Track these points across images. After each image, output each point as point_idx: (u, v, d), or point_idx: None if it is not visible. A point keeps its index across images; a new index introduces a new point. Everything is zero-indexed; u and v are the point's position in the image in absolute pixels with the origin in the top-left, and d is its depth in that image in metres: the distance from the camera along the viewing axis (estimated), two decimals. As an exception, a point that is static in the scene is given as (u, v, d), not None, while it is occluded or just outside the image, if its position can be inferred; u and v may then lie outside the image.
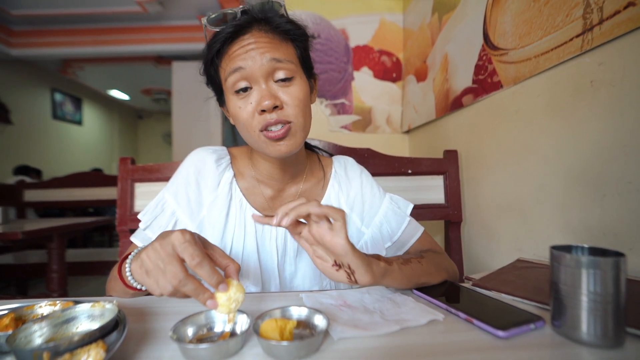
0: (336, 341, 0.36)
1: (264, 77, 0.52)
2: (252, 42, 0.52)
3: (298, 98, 0.54)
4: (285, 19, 0.56)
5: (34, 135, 4.50)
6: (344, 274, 0.44)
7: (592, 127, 0.60)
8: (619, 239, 0.55)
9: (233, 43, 0.53)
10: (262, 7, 0.55)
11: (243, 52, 0.52)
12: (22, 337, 0.33)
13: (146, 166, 0.94)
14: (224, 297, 0.38)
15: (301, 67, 0.57)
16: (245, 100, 0.53)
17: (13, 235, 1.31)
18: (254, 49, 0.52)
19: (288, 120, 0.53)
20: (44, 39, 3.63)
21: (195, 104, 3.81)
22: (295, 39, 0.56)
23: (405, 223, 0.66)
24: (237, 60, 0.52)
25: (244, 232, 0.62)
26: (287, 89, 0.54)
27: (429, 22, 1.26)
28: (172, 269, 0.38)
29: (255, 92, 0.53)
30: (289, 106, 0.53)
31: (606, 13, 0.55)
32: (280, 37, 0.54)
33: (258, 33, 0.53)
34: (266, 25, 0.54)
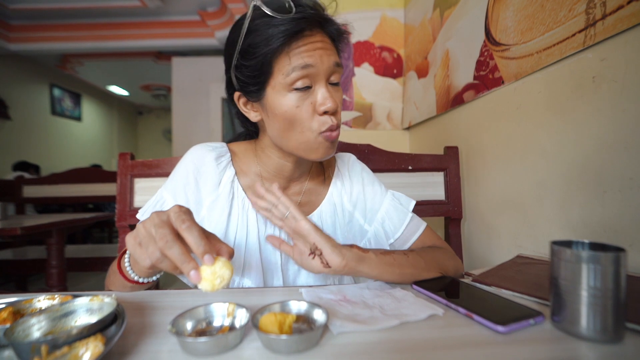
0: (335, 335, 0.36)
1: (326, 78, 0.53)
2: (319, 40, 0.51)
3: (342, 102, 0.56)
4: (336, 26, 0.55)
5: (32, 131, 4.49)
6: (317, 260, 0.48)
7: (593, 124, 0.59)
8: (619, 235, 0.55)
9: (300, 36, 0.50)
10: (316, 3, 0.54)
11: (311, 49, 0.51)
12: (20, 331, 0.33)
13: (145, 161, 0.93)
14: (208, 270, 0.38)
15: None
16: (304, 99, 0.52)
17: (12, 230, 1.31)
18: (321, 48, 0.51)
19: (339, 124, 0.55)
20: (43, 34, 3.61)
21: (195, 100, 3.80)
22: (338, 46, 0.57)
23: (408, 219, 0.65)
24: (306, 56, 0.50)
25: (246, 232, 0.61)
26: (337, 92, 0.55)
27: (430, 18, 1.25)
28: (162, 231, 0.38)
29: (318, 93, 0.52)
30: (338, 110, 0.55)
31: (609, 8, 0.54)
32: (333, 42, 0.55)
33: (320, 32, 0.52)
34: (328, 27, 0.54)
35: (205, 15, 3.45)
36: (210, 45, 3.73)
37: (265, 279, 0.61)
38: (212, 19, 3.48)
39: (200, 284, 0.38)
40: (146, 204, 0.62)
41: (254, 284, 0.60)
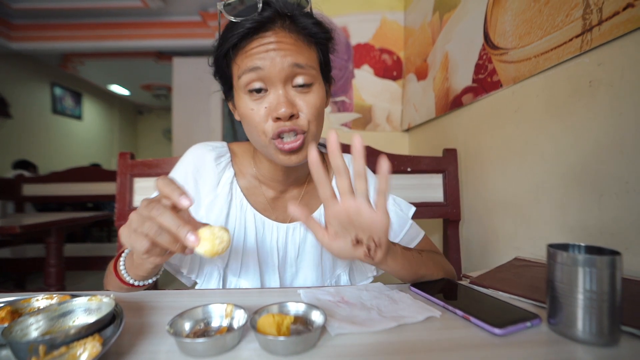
0: (333, 337, 0.36)
1: (282, 81, 0.49)
2: (273, 41, 0.48)
3: (315, 106, 0.51)
4: (312, 19, 0.52)
5: (33, 129, 4.49)
6: (362, 250, 0.41)
7: (590, 127, 0.60)
8: (615, 238, 0.55)
9: (252, 39, 0.49)
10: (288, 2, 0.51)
11: (262, 50, 0.48)
12: (18, 330, 0.33)
13: (145, 161, 0.94)
14: (207, 231, 0.37)
15: (321, 72, 0.54)
16: (258, 103, 0.50)
17: (11, 229, 1.31)
18: (275, 49, 0.48)
19: (303, 130, 0.50)
20: (45, 33, 3.61)
21: (196, 100, 3.81)
22: (320, 42, 0.53)
23: (407, 226, 0.65)
24: (255, 58, 0.48)
25: (244, 233, 0.61)
26: (305, 95, 0.51)
27: (430, 21, 1.25)
28: (152, 205, 0.38)
29: (272, 96, 0.49)
30: (304, 115, 0.50)
31: (605, 14, 0.55)
32: (305, 39, 0.51)
33: (281, 32, 0.49)
34: (291, 24, 0.50)
35: (207, 15, 3.46)
36: (211, 46, 3.73)
37: (262, 280, 0.61)
38: (213, 20, 3.48)
39: (199, 247, 0.37)
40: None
41: (251, 284, 0.60)
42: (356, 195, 0.40)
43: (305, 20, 0.51)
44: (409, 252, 0.51)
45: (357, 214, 0.40)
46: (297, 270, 0.63)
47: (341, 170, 0.40)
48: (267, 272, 0.62)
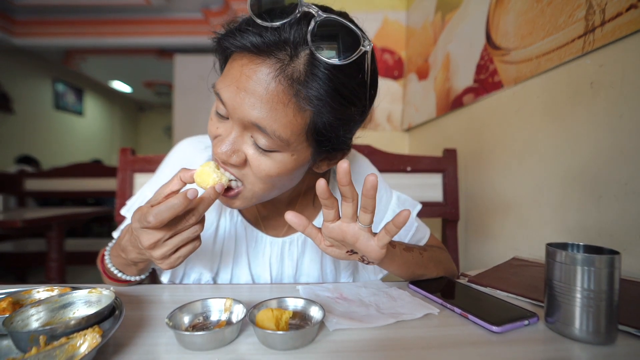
0: (331, 332, 0.37)
1: (239, 126, 0.40)
2: (252, 78, 0.36)
3: (266, 173, 0.41)
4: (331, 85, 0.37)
5: (35, 124, 4.50)
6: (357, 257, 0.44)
7: (590, 129, 0.60)
8: (613, 239, 0.55)
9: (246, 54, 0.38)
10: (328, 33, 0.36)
11: (236, 78, 0.37)
12: (19, 320, 0.34)
13: (146, 157, 0.94)
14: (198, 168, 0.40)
15: (310, 139, 0.41)
16: (217, 120, 0.42)
17: (13, 223, 1.31)
18: (246, 90, 0.37)
19: (240, 182, 0.43)
20: (47, 29, 3.62)
21: (197, 97, 3.81)
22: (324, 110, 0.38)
23: (413, 230, 0.60)
24: (227, 90, 0.38)
25: (234, 244, 0.55)
26: (259, 155, 0.40)
27: (432, 21, 1.25)
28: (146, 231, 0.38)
29: (226, 127, 0.41)
30: (250, 174, 0.42)
31: (608, 15, 0.55)
32: (296, 98, 0.37)
33: (270, 70, 0.36)
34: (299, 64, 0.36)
35: (209, 13, 3.46)
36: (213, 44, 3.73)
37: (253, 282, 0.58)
38: (216, 17, 3.48)
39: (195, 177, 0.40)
40: (129, 201, 0.60)
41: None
42: (358, 222, 0.39)
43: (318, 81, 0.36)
44: (409, 253, 0.50)
45: (353, 238, 0.40)
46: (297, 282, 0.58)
47: (348, 197, 0.38)
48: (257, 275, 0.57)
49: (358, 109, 0.42)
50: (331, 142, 0.42)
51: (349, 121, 0.42)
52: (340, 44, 0.36)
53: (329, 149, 0.44)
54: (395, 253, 0.47)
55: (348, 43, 0.37)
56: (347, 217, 0.39)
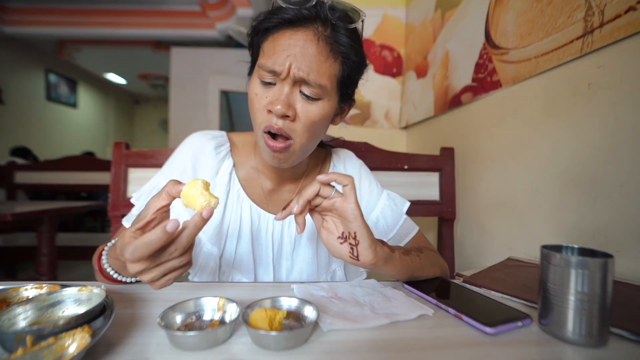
0: (325, 332, 0.36)
1: (290, 83, 0.49)
2: (299, 45, 0.47)
3: (312, 119, 0.50)
4: (350, 39, 0.51)
5: (26, 116, 4.42)
6: (347, 248, 0.45)
7: (588, 130, 0.60)
8: (608, 240, 0.55)
9: (284, 30, 0.49)
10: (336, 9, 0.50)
11: (284, 48, 0.47)
12: (6, 320, 0.33)
13: (140, 151, 0.93)
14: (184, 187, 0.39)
15: (337, 89, 0.53)
16: (264, 91, 0.50)
17: (3, 217, 1.29)
18: (295, 55, 0.47)
19: (290, 136, 0.50)
20: (40, 18, 3.54)
21: (193, 91, 3.77)
22: (347, 62, 0.51)
23: (402, 221, 0.65)
24: (275, 58, 0.48)
25: (239, 224, 0.60)
26: (307, 104, 0.50)
27: (432, 18, 1.24)
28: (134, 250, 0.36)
29: (276, 90, 0.49)
30: (299, 122, 0.50)
31: (607, 16, 0.54)
32: (331, 51, 0.49)
33: (312, 36, 0.48)
34: (328, 32, 0.49)
35: (206, 6, 3.41)
36: (210, 37, 3.69)
37: (255, 272, 0.61)
38: (213, 10, 3.43)
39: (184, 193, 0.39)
40: (141, 189, 0.61)
41: (244, 277, 0.60)
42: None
43: (342, 36, 0.50)
44: (407, 256, 0.51)
45: (332, 205, 0.46)
46: (293, 264, 0.62)
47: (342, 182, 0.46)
48: (261, 265, 0.62)
49: (362, 61, 0.55)
50: (348, 91, 0.55)
51: (358, 71, 0.55)
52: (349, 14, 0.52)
53: (345, 100, 0.56)
54: (394, 257, 0.48)
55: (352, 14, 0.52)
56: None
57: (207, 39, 3.74)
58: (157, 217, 0.39)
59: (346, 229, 0.45)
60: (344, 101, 0.57)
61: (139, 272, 0.37)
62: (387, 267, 0.48)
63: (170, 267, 0.37)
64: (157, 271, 0.37)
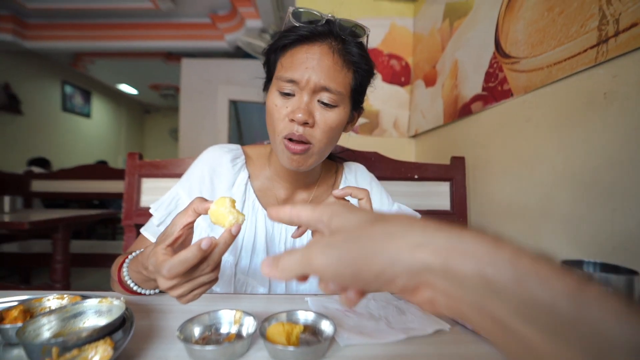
0: (342, 347, 0.36)
1: (309, 93, 0.53)
2: (316, 57, 0.52)
3: (330, 126, 0.54)
4: (360, 50, 0.56)
5: (43, 126, 4.55)
6: None
7: (604, 140, 0.59)
8: (628, 255, 0.54)
9: (301, 46, 0.54)
10: (345, 26, 0.55)
11: (303, 64, 0.52)
12: (32, 330, 0.34)
13: (154, 162, 0.94)
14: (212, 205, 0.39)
15: (350, 97, 0.57)
16: (283, 102, 0.54)
17: (20, 225, 1.32)
18: (313, 67, 0.52)
19: (309, 141, 0.54)
20: (57, 32, 3.67)
21: (203, 101, 3.83)
22: (358, 71, 0.56)
23: None
24: (295, 69, 0.52)
25: (254, 234, 0.62)
26: (325, 112, 0.54)
27: (440, 28, 1.25)
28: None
29: (295, 100, 0.53)
30: (318, 129, 0.54)
31: (622, 25, 0.54)
32: (344, 63, 0.54)
33: (326, 50, 0.53)
34: (339, 46, 0.54)
35: (216, 18, 3.49)
36: (220, 48, 3.76)
37: (270, 281, 0.62)
38: (223, 22, 3.51)
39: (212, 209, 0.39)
40: (160, 200, 0.63)
41: (259, 284, 0.62)
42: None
43: (353, 49, 0.55)
44: None
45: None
46: None
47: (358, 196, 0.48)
48: None
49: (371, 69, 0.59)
50: (359, 99, 0.60)
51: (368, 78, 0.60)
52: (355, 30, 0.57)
53: (356, 107, 0.60)
54: None
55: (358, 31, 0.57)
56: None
57: (217, 50, 3.82)
58: (183, 233, 0.40)
59: None
60: (355, 109, 0.61)
61: (168, 288, 0.37)
62: None
63: (200, 283, 0.38)
64: (187, 286, 0.38)
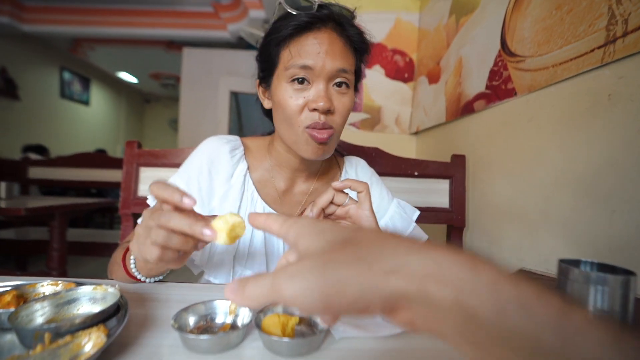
0: (337, 340, 0.36)
1: (325, 79, 0.52)
2: (326, 42, 0.52)
3: (347, 108, 0.55)
4: (356, 30, 0.56)
5: (41, 112, 4.51)
6: None
7: (606, 142, 0.59)
8: (626, 256, 0.54)
9: (307, 34, 0.53)
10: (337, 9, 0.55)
11: (316, 49, 0.51)
12: (24, 316, 0.33)
13: (152, 151, 0.94)
14: (219, 221, 0.34)
15: (354, 77, 0.58)
16: (298, 92, 0.53)
17: (16, 211, 1.32)
18: (327, 51, 0.52)
19: (332, 127, 0.54)
20: (56, 16, 3.61)
21: (204, 91, 3.80)
22: (359, 51, 0.57)
23: (411, 228, 0.66)
24: (308, 56, 0.51)
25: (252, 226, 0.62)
26: (341, 96, 0.54)
27: (446, 24, 1.24)
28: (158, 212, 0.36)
29: (313, 90, 0.52)
30: (338, 114, 0.54)
31: (631, 26, 0.53)
32: (349, 47, 0.55)
33: (333, 34, 0.53)
34: (340, 30, 0.54)
35: (219, 7, 3.45)
36: (222, 38, 3.72)
37: (268, 271, 0.62)
38: (226, 12, 3.47)
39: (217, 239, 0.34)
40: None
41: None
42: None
43: (351, 30, 0.55)
44: None
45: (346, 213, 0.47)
46: None
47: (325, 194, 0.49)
48: (273, 264, 0.63)
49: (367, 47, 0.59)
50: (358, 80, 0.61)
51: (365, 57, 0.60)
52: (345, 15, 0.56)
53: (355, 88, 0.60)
54: None
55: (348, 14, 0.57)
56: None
57: (219, 40, 3.78)
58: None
59: None
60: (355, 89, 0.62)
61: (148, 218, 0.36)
62: None
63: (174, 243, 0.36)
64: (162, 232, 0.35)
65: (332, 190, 0.45)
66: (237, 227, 0.35)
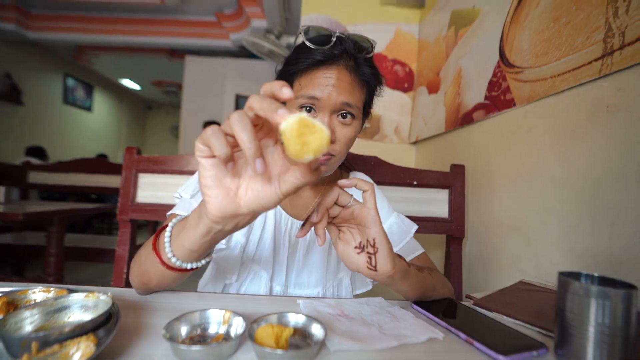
0: (332, 353, 0.35)
1: (330, 111, 0.55)
2: (334, 77, 0.55)
3: (349, 138, 0.58)
4: (370, 66, 0.59)
5: (44, 118, 4.55)
6: (364, 258, 0.44)
7: (605, 153, 0.59)
8: (625, 269, 0.53)
9: (318, 68, 0.56)
10: (355, 43, 0.57)
11: (323, 83, 0.54)
12: (12, 323, 0.33)
13: (151, 157, 0.94)
14: (291, 119, 0.27)
15: (363, 109, 0.60)
16: None
17: (14, 215, 1.31)
18: (334, 85, 0.54)
19: (332, 154, 0.57)
20: (61, 24, 3.67)
21: (206, 99, 3.83)
22: (370, 87, 0.60)
23: (408, 238, 0.67)
24: (316, 88, 0.54)
25: (264, 222, 0.64)
26: (344, 127, 0.57)
27: (445, 35, 1.25)
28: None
29: (318, 119, 0.54)
30: (339, 143, 0.57)
31: (628, 38, 0.54)
32: (359, 81, 0.58)
33: (343, 70, 0.56)
34: (353, 65, 0.57)
35: (222, 16, 3.50)
36: (224, 47, 3.77)
37: (273, 267, 0.64)
38: (228, 21, 3.52)
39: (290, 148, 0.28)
40: (187, 181, 0.64)
41: (262, 268, 0.64)
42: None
43: (364, 67, 0.58)
44: (421, 273, 0.51)
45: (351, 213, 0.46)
46: (303, 266, 0.66)
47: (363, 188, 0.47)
48: (278, 262, 0.65)
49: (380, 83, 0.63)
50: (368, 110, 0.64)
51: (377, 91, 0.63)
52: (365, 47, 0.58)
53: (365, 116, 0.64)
54: (410, 272, 0.48)
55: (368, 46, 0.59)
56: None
57: (221, 48, 3.83)
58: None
59: (364, 237, 0.44)
60: (365, 118, 0.65)
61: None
62: (404, 282, 0.47)
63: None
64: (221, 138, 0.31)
65: (337, 189, 0.44)
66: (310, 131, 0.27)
